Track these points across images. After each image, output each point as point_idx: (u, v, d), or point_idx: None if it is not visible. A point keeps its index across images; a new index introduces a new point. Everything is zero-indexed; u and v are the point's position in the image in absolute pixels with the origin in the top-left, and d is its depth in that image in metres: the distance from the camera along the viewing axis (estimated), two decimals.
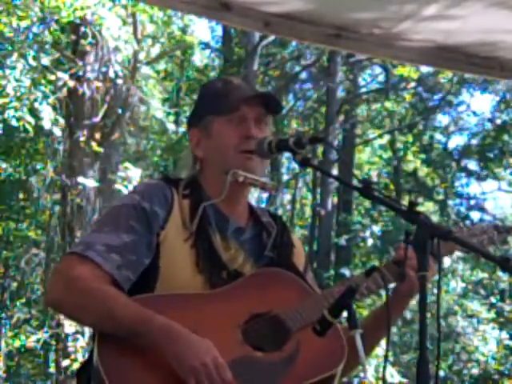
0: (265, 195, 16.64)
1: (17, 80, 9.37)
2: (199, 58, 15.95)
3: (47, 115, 9.37)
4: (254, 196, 17.25)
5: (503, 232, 2.55)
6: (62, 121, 9.76)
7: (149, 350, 2.06)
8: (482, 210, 17.57)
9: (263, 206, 14.62)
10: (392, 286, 2.35)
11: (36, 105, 9.40)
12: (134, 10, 9.96)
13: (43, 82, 9.84)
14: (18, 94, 9.33)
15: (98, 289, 2.12)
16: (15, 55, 9.82)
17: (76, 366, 9.17)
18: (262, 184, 2.34)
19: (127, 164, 9.71)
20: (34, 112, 9.43)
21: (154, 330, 2.05)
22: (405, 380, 10.98)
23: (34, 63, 9.94)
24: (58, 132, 9.66)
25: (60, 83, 9.98)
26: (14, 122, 9.33)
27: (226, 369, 2.02)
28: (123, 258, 2.17)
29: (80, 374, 2.23)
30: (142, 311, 2.09)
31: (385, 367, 1.98)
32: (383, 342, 2.28)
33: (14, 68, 9.57)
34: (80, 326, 8.81)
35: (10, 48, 10.03)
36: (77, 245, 2.24)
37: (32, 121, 9.36)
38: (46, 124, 9.42)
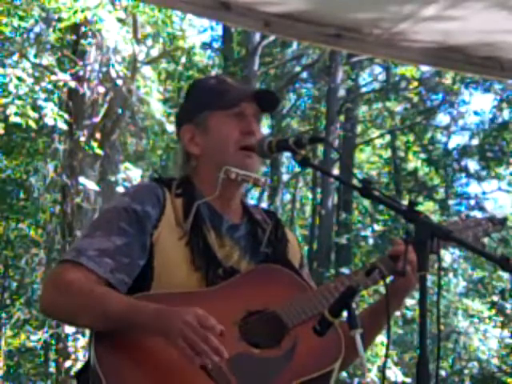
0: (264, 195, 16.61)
1: (18, 78, 9.36)
2: (195, 59, 15.96)
3: (50, 112, 9.33)
4: (255, 196, 17.27)
5: (498, 224, 2.55)
6: (66, 116, 9.72)
7: (145, 348, 2.06)
8: (482, 209, 17.55)
9: (264, 206, 14.60)
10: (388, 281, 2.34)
11: (39, 102, 9.38)
12: (133, 11, 9.94)
13: (45, 81, 9.83)
14: (21, 92, 9.31)
15: (91, 289, 2.12)
16: (16, 55, 9.81)
17: (77, 366, 9.17)
18: (254, 180, 2.34)
19: (127, 164, 9.71)
20: (36, 109, 9.41)
21: (147, 312, 2.04)
22: (409, 380, 10.98)
23: (36, 61, 9.93)
24: (62, 126, 9.60)
25: (61, 83, 9.99)
26: (17, 119, 9.30)
27: (208, 318, 1.99)
28: (116, 262, 2.17)
29: (80, 375, 2.23)
30: (135, 301, 2.10)
31: (385, 365, 1.99)
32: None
33: (15, 67, 9.55)
34: None
35: (11, 48, 10.02)
36: (69, 252, 2.23)
37: (35, 115, 9.32)
38: (49, 121, 9.39)
